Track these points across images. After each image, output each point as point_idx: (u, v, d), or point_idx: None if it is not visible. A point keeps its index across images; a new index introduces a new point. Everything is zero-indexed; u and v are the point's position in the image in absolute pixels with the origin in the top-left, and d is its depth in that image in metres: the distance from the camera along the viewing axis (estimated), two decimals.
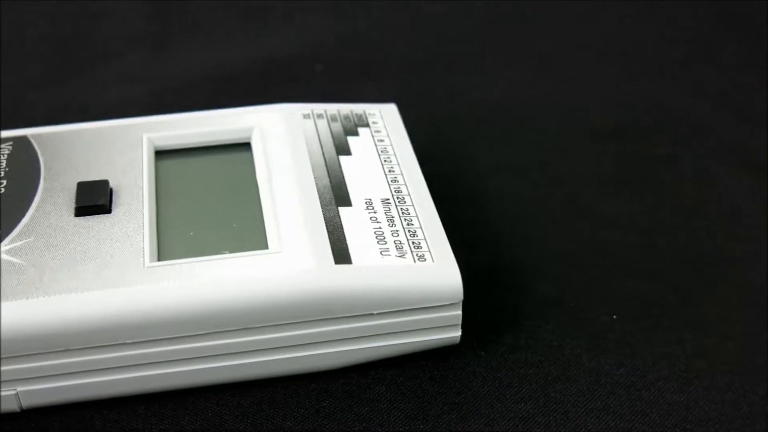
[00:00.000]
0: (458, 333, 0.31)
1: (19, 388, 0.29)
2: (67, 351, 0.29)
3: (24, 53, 0.48)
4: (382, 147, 0.35)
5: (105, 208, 0.32)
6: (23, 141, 0.35)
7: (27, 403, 0.30)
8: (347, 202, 0.32)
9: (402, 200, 0.32)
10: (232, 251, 0.30)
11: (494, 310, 0.33)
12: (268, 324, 0.29)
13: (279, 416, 0.30)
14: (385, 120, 0.36)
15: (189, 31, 0.50)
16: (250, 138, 0.35)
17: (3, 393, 0.29)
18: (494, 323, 0.33)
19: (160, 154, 0.35)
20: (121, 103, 0.44)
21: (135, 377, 0.30)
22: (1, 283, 0.29)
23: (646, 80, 0.46)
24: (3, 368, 0.29)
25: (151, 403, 0.30)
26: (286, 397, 0.30)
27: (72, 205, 0.32)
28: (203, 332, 0.29)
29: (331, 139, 0.35)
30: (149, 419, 0.30)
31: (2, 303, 0.28)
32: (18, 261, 0.30)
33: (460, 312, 0.30)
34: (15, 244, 0.30)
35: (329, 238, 0.30)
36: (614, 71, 0.46)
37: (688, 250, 0.36)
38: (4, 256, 0.30)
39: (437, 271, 0.30)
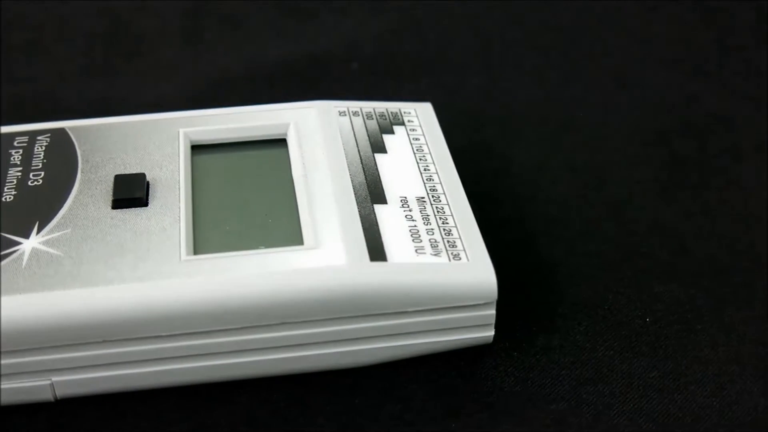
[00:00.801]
0: (491, 333, 0.31)
1: (54, 378, 0.29)
2: (102, 342, 0.29)
3: (63, 47, 0.49)
4: (418, 146, 0.35)
5: (142, 201, 0.32)
6: (61, 133, 0.35)
7: (61, 393, 0.30)
8: (382, 200, 0.32)
9: (437, 199, 0.33)
10: (267, 246, 0.30)
11: (527, 311, 0.33)
12: (302, 319, 0.29)
13: (311, 412, 0.30)
14: (420, 119, 0.36)
15: (225, 27, 0.50)
16: (286, 134, 0.35)
17: (38, 383, 0.29)
18: (527, 324, 0.33)
19: (197, 149, 0.35)
20: (157, 98, 0.44)
21: (169, 369, 0.30)
22: (39, 274, 0.29)
23: (688, 83, 0.45)
24: (39, 358, 0.29)
25: (183, 396, 0.30)
26: (318, 393, 0.31)
27: (109, 198, 0.32)
28: (238, 326, 0.29)
29: (366, 137, 0.35)
30: (181, 412, 0.30)
31: (40, 293, 0.29)
32: (55, 252, 0.30)
33: (493, 311, 0.30)
34: (53, 235, 0.31)
35: (364, 235, 0.31)
36: (655, 73, 0.46)
37: (723, 254, 0.35)
38: (42, 247, 0.30)
39: (472, 270, 0.30)
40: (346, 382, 0.31)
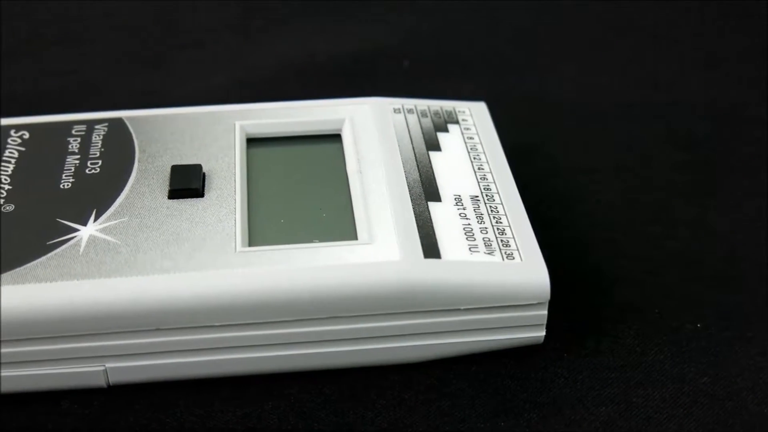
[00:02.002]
0: (542, 333, 0.31)
1: (108, 365, 0.30)
2: (156, 330, 0.29)
3: (115, 38, 0.49)
4: (472, 144, 0.35)
5: (198, 192, 0.32)
6: (118, 123, 0.35)
7: (114, 379, 0.30)
8: (436, 198, 0.32)
9: (491, 198, 0.33)
10: (321, 240, 0.31)
11: (577, 313, 0.33)
12: (354, 314, 0.29)
13: (360, 406, 0.30)
14: (474, 118, 0.37)
15: (277, 21, 0.50)
16: (340, 129, 0.35)
17: (92, 368, 0.30)
18: (576, 325, 0.33)
19: (252, 142, 0.35)
20: (208, 90, 0.45)
21: (221, 360, 0.30)
22: (96, 261, 0.30)
23: (732, 86, 0.45)
24: (93, 344, 0.29)
25: (234, 387, 0.31)
26: (367, 388, 0.31)
27: (165, 188, 0.32)
28: (290, 319, 0.29)
29: (421, 135, 0.35)
30: (232, 402, 0.30)
31: (96, 280, 0.29)
32: (112, 239, 0.30)
33: (545, 312, 0.30)
34: (110, 223, 0.31)
35: (419, 232, 0.31)
36: (701, 76, 0.46)
37: None
38: (99, 234, 0.30)
39: (525, 269, 0.30)
40: (396, 377, 0.31)
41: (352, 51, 0.48)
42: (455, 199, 0.32)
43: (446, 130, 0.36)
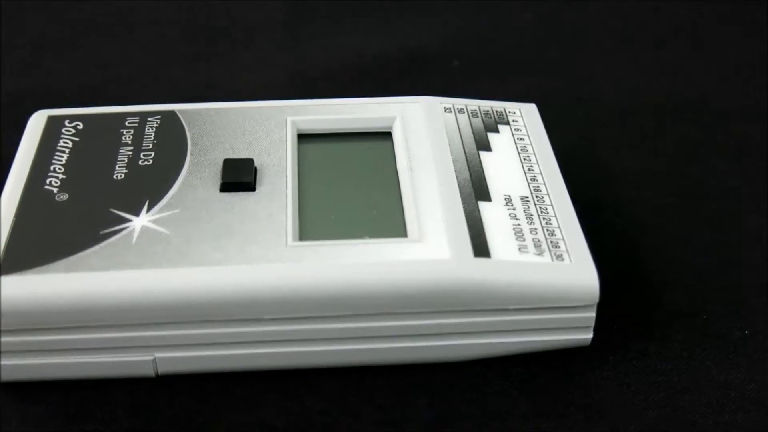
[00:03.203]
0: (590, 335, 0.31)
1: (157, 354, 0.30)
2: (206, 322, 0.29)
3: (168, 32, 0.50)
4: (522, 145, 0.35)
5: (250, 186, 0.32)
6: (171, 115, 0.36)
7: (163, 369, 0.30)
8: (487, 197, 0.32)
9: (541, 199, 0.33)
10: (371, 237, 0.31)
11: (624, 316, 0.33)
12: (403, 311, 0.30)
13: (404, 402, 0.30)
14: (525, 119, 0.37)
15: (328, 19, 0.51)
16: (391, 127, 0.35)
17: (141, 358, 0.30)
18: (624, 329, 0.33)
19: (303, 137, 0.35)
20: (259, 86, 0.45)
21: (269, 353, 0.30)
22: (148, 252, 0.30)
23: None
24: (143, 333, 0.30)
25: (280, 380, 0.31)
26: (411, 385, 0.31)
27: (217, 181, 0.33)
28: (339, 314, 0.29)
29: (471, 134, 0.35)
30: (275, 395, 0.30)
31: (148, 270, 0.29)
32: (164, 231, 0.31)
33: (593, 314, 0.30)
34: (162, 215, 0.31)
35: (468, 231, 0.31)
36: (757, 79, 0.46)
37: None
38: (151, 225, 0.31)
39: (575, 271, 0.30)
40: (440, 375, 0.31)
41: (402, 50, 0.48)
42: (505, 199, 0.32)
43: (497, 131, 0.36)
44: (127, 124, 0.35)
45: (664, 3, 0.52)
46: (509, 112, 0.37)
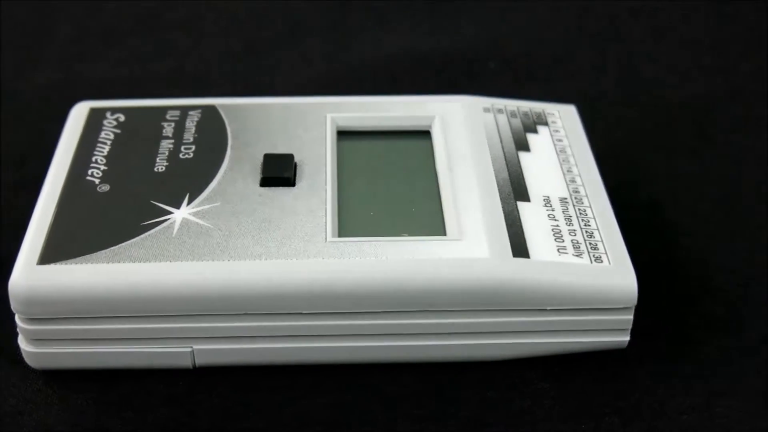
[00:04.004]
0: (626, 338, 0.31)
1: (195, 346, 0.30)
2: (245, 315, 0.30)
3: (208, 27, 0.50)
4: (561, 147, 0.35)
5: (290, 181, 0.32)
6: (211, 110, 0.36)
7: (200, 361, 0.31)
8: (525, 198, 0.32)
9: (579, 201, 0.33)
10: (410, 234, 0.31)
11: (662, 319, 0.33)
12: (441, 309, 0.30)
13: (443, 400, 0.30)
14: (563, 120, 0.37)
15: (367, 18, 0.51)
16: (430, 126, 0.36)
17: (179, 349, 0.30)
18: (661, 332, 0.33)
19: (342, 134, 0.35)
20: (299, 82, 0.45)
21: (306, 347, 0.30)
22: (189, 244, 0.30)
23: None
24: (182, 325, 0.30)
25: (317, 375, 0.31)
26: (449, 383, 0.31)
27: (257, 176, 0.33)
28: (378, 310, 0.30)
29: (510, 135, 0.35)
30: (314, 390, 0.31)
31: (189, 262, 0.29)
32: (205, 223, 0.31)
33: (631, 317, 0.30)
34: (203, 207, 0.31)
35: (507, 231, 0.31)
36: None
37: None
38: (192, 218, 0.31)
39: (613, 273, 0.30)
40: (478, 374, 0.31)
41: (441, 49, 0.48)
42: (544, 200, 0.32)
43: (535, 132, 0.36)
44: (168, 117, 0.35)
45: (702, 3, 0.51)
46: (548, 113, 0.37)
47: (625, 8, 0.51)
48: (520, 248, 0.30)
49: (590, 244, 0.31)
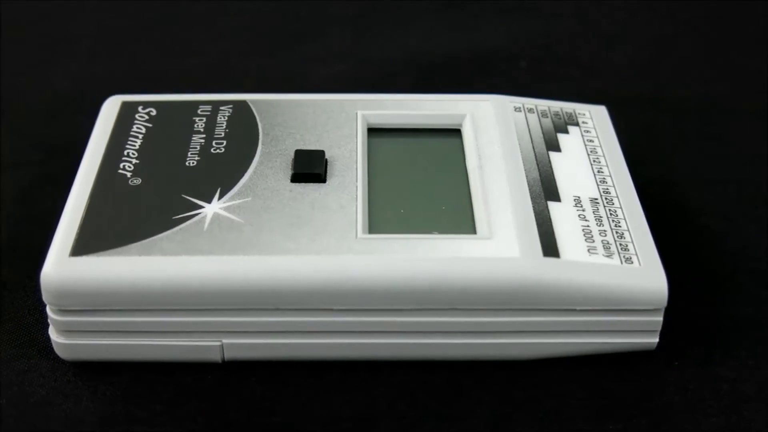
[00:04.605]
0: (655, 339, 0.31)
1: (225, 340, 0.30)
2: (275, 310, 0.30)
3: (238, 24, 0.50)
4: (592, 147, 0.35)
5: (320, 177, 0.32)
6: (243, 105, 0.36)
7: (229, 355, 0.31)
8: (556, 197, 0.32)
9: (610, 201, 0.33)
10: (440, 232, 0.31)
11: (690, 322, 0.33)
12: (470, 307, 0.30)
13: (469, 399, 0.30)
14: (594, 121, 0.36)
15: (395, 15, 0.51)
16: (461, 125, 0.36)
17: (209, 343, 0.30)
18: (689, 334, 0.32)
19: (373, 132, 0.35)
20: (327, 79, 0.45)
21: (335, 343, 0.30)
22: (220, 238, 0.30)
23: None
24: (212, 319, 0.30)
25: (345, 371, 0.31)
26: (476, 382, 0.31)
27: (288, 171, 0.33)
28: (407, 308, 0.30)
29: (541, 134, 0.35)
30: (342, 386, 0.31)
31: (220, 256, 0.30)
32: (236, 218, 0.31)
33: (661, 318, 0.30)
34: (234, 202, 0.32)
35: (538, 230, 0.31)
36: None
37: None
38: (223, 213, 0.31)
39: (644, 274, 0.30)
40: (505, 374, 0.31)
41: (469, 48, 0.48)
42: (574, 200, 0.32)
43: (566, 132, 0.36)
44: (199, 112, 0.36)
45: (737, 4, 0.51)
46: (579, 113, 0.37)
47: (658, 7, 0.51)
48: (550, 248, 0.30)
49: (621, 244, 0.31)
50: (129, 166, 0.33)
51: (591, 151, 0.35)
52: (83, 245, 0.30)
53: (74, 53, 0.48)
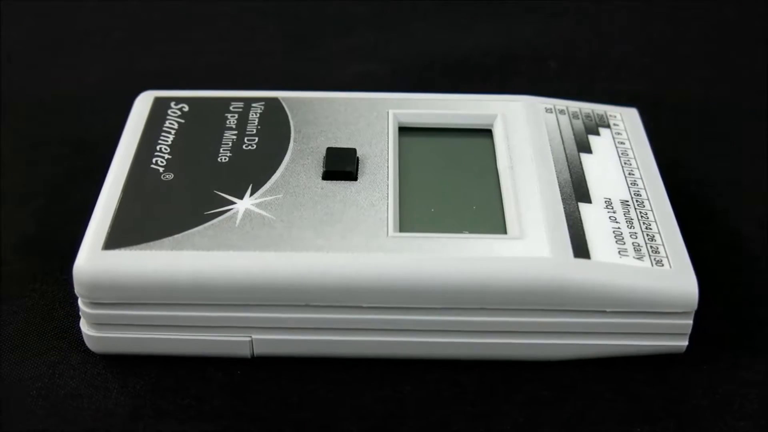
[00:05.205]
0: (685, 343, 0.31)
1: (255, 336, 0.31)
2: (305, 306, 0.30)
3: (268, 21, 0.50)
4: (623, 149, 0.35)
5: (352, 175, 0.33)
6: (274, 102, 0.36)
7: (259, 351, 0.31)
8: (587, 199, 0.32)
9: (641, 204, 0.33)
10: (471, 232, 0.31)
11: (718, 325, 0.33)
12: (501, 307, 0.30)
13: (496, 399, 0.30)
14: (626, 123, 0.36)
15: (424, 14, 0.51)
16: (492, 125, 0.36)
17: (238, 338, 0.30)
18: (717, 338, 0.32)
19: (404, 131, 0.35)
20: (359, 78, 0.45)
21: (364, 341, 0.31)
22: (251, 234, 0.30)
23: None
24: (243, 314, 0.30)
25: (374, 369, 0.31)
26: (503, 382, 0.31)
27: (320, 169, 0.33)
28: (437, 306, 0.30)
29: (572, 136, 0.35)
30: (371, 383, 0.31)
31: (251, 252, 0.30)
32: (268, 215, 0.31)
33: (690, 322, 0.30)
34: (265, 199, 0.32)
35: (569, 231, 0.31)
36: None
37: None
38: (255, 209, 0.31)
39: (674, 277, 0.30)
40: (533, 374, 0.31)
41: (498, 49, 0.48)
42: (605, 201, 0.32)
43: (597, 133, 0.36)
44: (231, 108, 0.36)
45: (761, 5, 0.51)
46: (610, 115, 0.37)
47: (687, 8, 0.51)
48: (581, 249, 0.30)
49: (651, 247, 0.31)
50: (161, 161, 0.33)
51: (622, 153, 0.35)
52: (116, 239, 0.30)
53: (104, 48, 0.48)
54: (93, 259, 0.30)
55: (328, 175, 0.33)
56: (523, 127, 0.35)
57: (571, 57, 0.48)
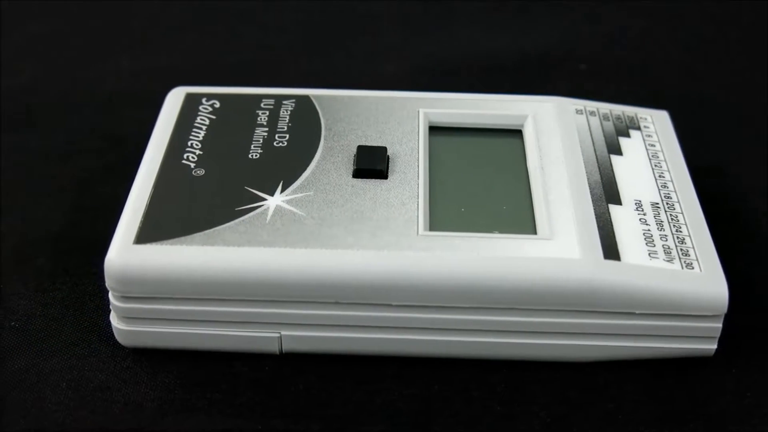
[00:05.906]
0: (714, 346, 0.31)
1: (283, 332, 0.31)
2: (335, 304, 0.30)
3: (301, 20, 0.50)
4: (653, 152, 0.35)
5: (382, 174, 0.33)
6: (305, 100, 0.36)
7: (287, 347, 0.31)
8: (617, 201, 0.32)
9: (671, 206, 0.32)
10: (501, 232, 0.31)
11: (747, 329, 0.33)
12: (530, 307, 0.30)
13: (526, 399, 0.30)
14: (656, 125, 0.36)
15: (451, 15, 0.51)
16: (522, 125, 0.36)
17: (267, 334, 0.31)
18: (746, 341, 0.32)
19: (434, 130, 0.35)
20: (389, 77, 0.45)
21: (393, 339, 0.31)
22: (282, 231, 0.30)
23: None
24: (272, 310, 0.30)
25: (403, 367, 0.31)
26: (533, 382, 0.31)
27: (350, 167, 0.33)
28: (467, 305, 0.30)
29: (602, 137, 0.35)
30: (399, 382, 0.31)
31: (282, 248, 0.30)
32: (298, 211, 0.31)
33: (720, 325, 0.30)
34: (296, 196, 0.32)
35: (599, 233, 0.31)
36: None
37: None
38: (285, 206, 0.31)
39: (704, 280, 0.30)
40: (562, 375, 0.31)
41: (529, 50, 0.48)
42: (635, 203, 0.32)
43: (628, 135, 0.36)
44: (262, 105, 0.36)
45: None
46: (641, 117, 0.37)
47: (719, 11, 0.51)
48: (611, 250, 0.30)
49: (681, 249, 0.31)
50: (193, 157, 0.33)
51: (652, 156, 0.35)
52: (147, 233, 0.30)
53: (134, 45, 0.48)
54: (124, 253, 0.30)
55: (359, 173, 0.33)
56: (553, 128, 0.35)
57: (602, 59, 0.48)
